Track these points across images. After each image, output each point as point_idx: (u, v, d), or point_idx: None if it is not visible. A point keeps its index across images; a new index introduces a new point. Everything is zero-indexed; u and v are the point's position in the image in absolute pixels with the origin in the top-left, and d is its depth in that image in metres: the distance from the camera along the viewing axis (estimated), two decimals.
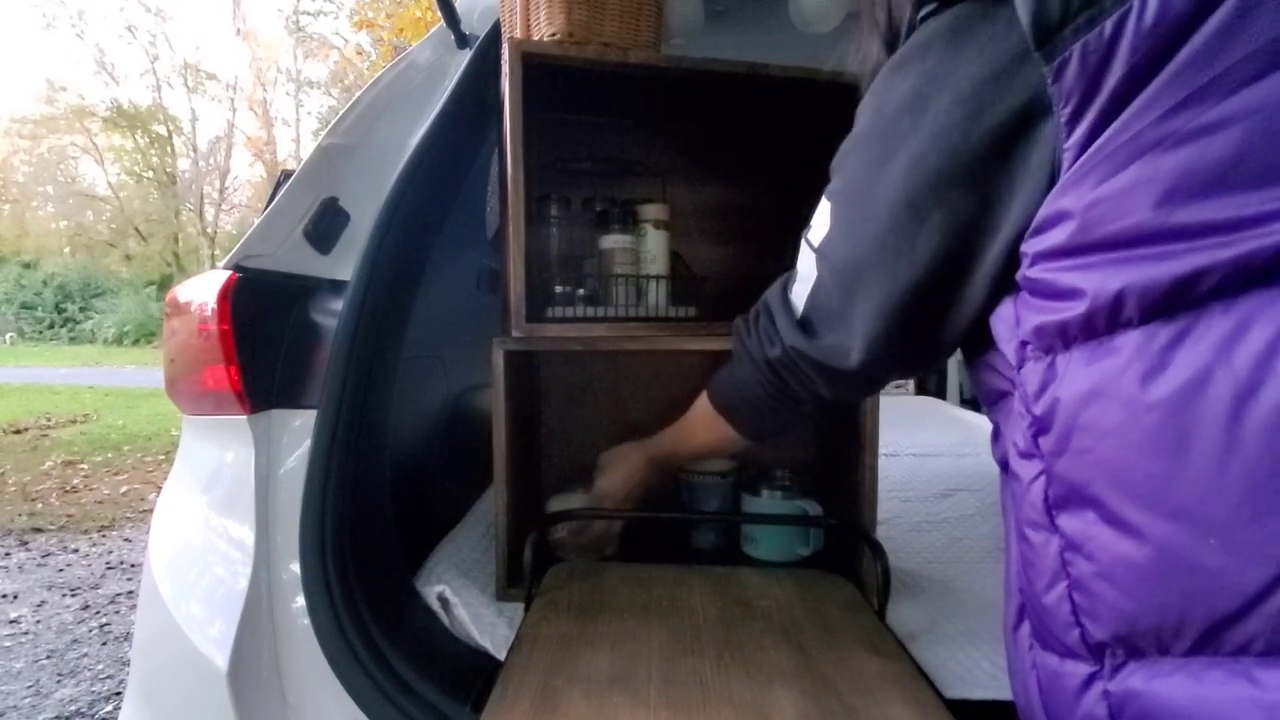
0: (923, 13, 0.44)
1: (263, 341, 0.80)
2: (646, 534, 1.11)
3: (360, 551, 0.79)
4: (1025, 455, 0.42)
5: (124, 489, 3.71)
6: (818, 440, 1.23)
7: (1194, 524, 0.33)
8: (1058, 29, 0.36)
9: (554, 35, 0.85)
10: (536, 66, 0.85)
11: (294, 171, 0.87)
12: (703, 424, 0.78)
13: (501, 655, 0.76)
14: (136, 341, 14.67)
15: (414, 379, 1.10)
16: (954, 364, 3.07)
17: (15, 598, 2.30)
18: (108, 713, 1.63)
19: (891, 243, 0.46)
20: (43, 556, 2.71)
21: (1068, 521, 0.39)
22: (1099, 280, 0.36)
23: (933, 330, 0.49)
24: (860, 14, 0.56)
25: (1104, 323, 0.36)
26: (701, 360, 1.27)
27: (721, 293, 1.25)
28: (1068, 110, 0.36)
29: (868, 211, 0.48)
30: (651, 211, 1.06)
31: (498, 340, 0.89)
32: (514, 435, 0.94)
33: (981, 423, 2.20)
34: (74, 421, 5.70)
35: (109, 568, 2.59)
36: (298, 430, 0.80)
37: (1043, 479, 0.40)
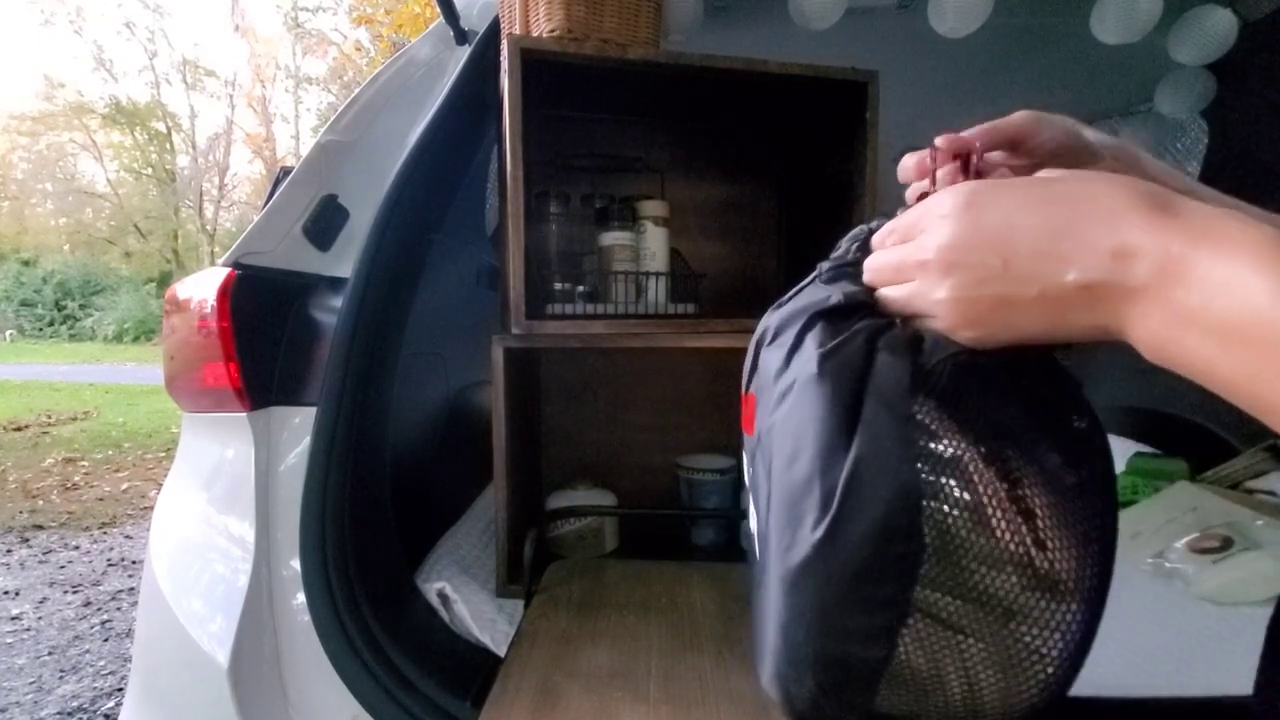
0: None
1: (262, 339, 0.80)
2: (647, 530, 1.12)
3: (360, 548, 0.79)
4: None
5: (125, 486, 3.71)
6: None
7: None
8: None
9: (553, 31, 0.85)
10: (536, 63, 0.85)
11: (293, 168, 0.87)
12: None
13: (501, 651, 0.77)
14: (136, 339, 14.66)
15: (414, 376, 1.10)
16: None
17: (17, 594, 2.31)
18: (109, 709, 1.63)
19: None
20: (44, 553, 2.71)
21: None
22: None
23: None
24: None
25: None
26: (701, 357, 1.27)
27: (720, 290, 1.25)
28: None
29: None
30: (651, 208, 1.06)
31: (497, 337, 0.89)
32: (514, 432, 0.94)
33: None
34: (74, 419, 5.70)
35: (110, 564, 2.60)
36: (297, 427, 0.80)
37: None
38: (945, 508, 0.32)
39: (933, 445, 0.32)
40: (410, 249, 0.89)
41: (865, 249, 0.38)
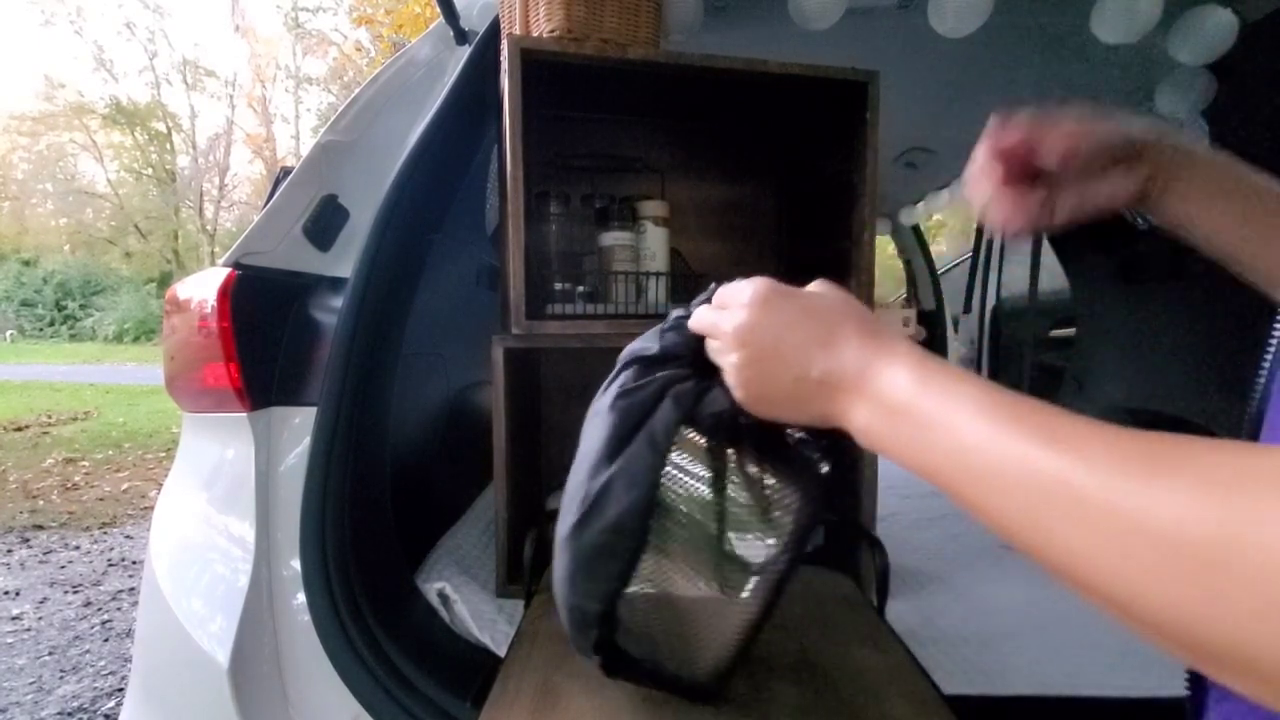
0: None
1: (262, 339, 0.80)
2: None
3: (361, 548, 0.79)
4: None
5: (125, 486, 3.71)
6: None
7: None
8: None
9: (553, 31, 0.85)
10: (536, 63, 0.85)
11: (293, 168, 0.87)
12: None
13: (501, 651, 0.77)
14: (137, 339, 14.67)
15: (414, 376, 1.10)
16: (952, 358, 3.07)
17: (17, 594, 2.31)
18: (110, 709, 1.63)
19: None
20: (44, 553, 2.71)
21: None
22: None
23: None
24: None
25: None
26: None
27: None
28: None
29: None
30: (651, 208, 1.06)
31: (497, 337, 0.89)
32: (514, 432, 0.94)
33: None
34: (75, 419, 5.70)
35: (110, 564, 2.60)
36: (298, 427, 0.80)
37: None
38: (674, 515, 0.46)
39: (680, 472, 0.46)
40: (410, 249, 0.89)
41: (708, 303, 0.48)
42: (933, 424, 0.32)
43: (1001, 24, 1.11)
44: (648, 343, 0.48)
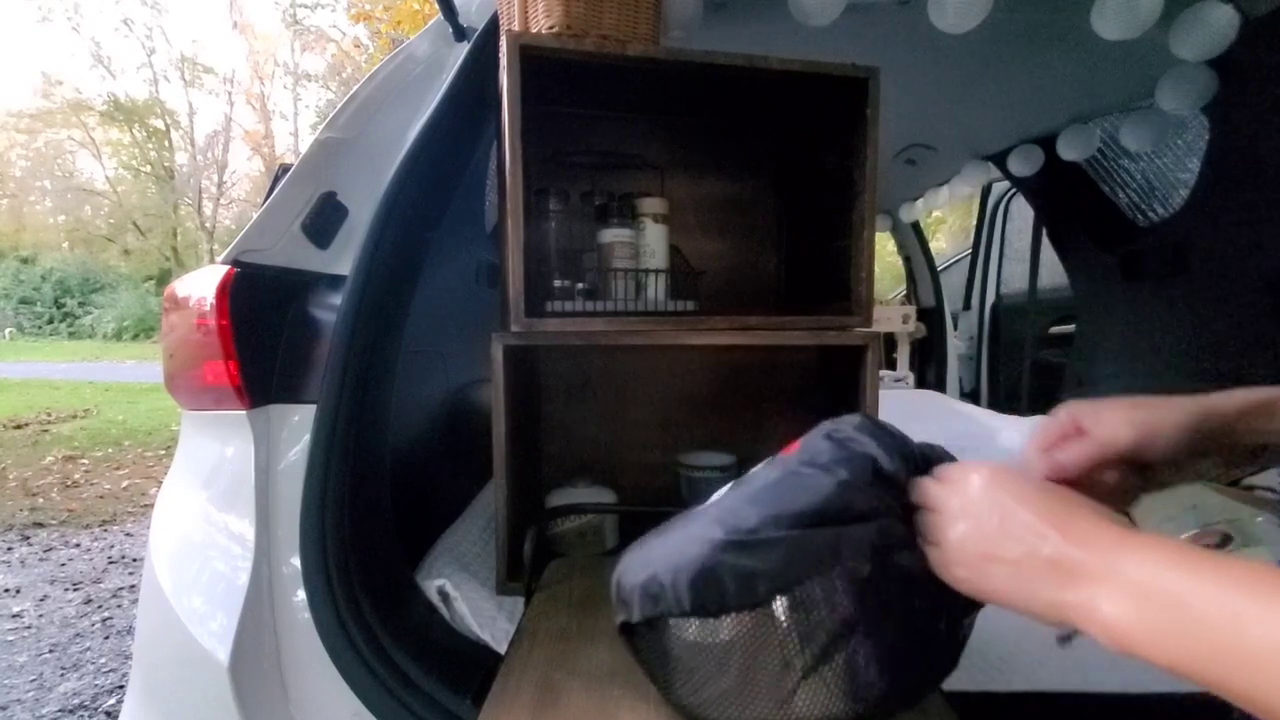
0: None
1: (261, 336, 0.80)
2: (647, 528, 1.11)
3: (360, 545, 0.79)
4: None
5: (125, 484, 3.71)
6: None
7: None
8: None
9: (552, 28, 0.85)
10: (535, 59, 0.85)
11: (292, 166, 0.86)
12: None
13: (501, 649, 0.77)
14: (136, 336, 14.65)
15: (413, 374, 1.10)
16: (953, 357, 3.07)
17: (18, 592, 2.31)
18: (111, 706, 1.63)
19: None
20: (45, 551, 2.71)
21: None
22: None
23: None
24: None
25: None
26: (700, 354, 1.27)
27: (720, 287, 1.25)
28: None
29: None
30: (650, 205, 1.06)
31: (497, 335, 0.89)
32: (514, 429, 0.94)
33: (980, 415, 2.20)
34: (74, 416, 5.69)
35: (110, 562, 2.60)
36: (297, 425, 0.80)
37: None
38: (808, 604, 0.44)
39: (834, 584, 0.44)
40: (409, 246, 0.89)
41: (925, 463, 0.48)
42: (1200, 605, 0.29)
43: (1002, 20, 1.11)
44: (884, 451, 0.47)
